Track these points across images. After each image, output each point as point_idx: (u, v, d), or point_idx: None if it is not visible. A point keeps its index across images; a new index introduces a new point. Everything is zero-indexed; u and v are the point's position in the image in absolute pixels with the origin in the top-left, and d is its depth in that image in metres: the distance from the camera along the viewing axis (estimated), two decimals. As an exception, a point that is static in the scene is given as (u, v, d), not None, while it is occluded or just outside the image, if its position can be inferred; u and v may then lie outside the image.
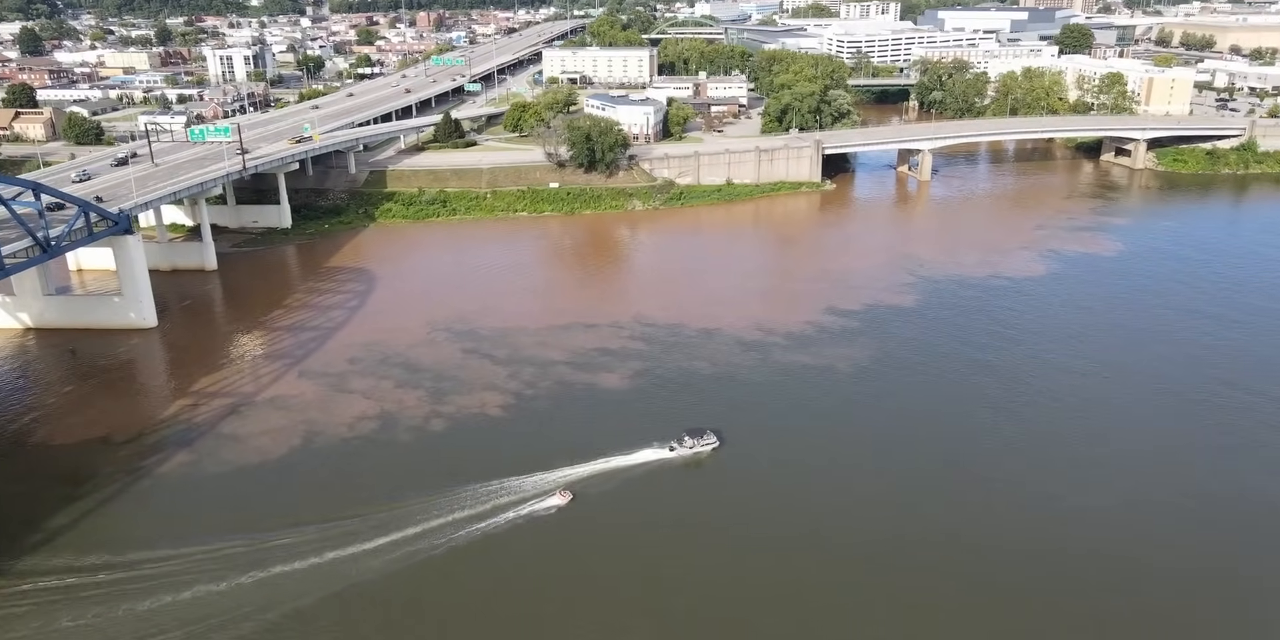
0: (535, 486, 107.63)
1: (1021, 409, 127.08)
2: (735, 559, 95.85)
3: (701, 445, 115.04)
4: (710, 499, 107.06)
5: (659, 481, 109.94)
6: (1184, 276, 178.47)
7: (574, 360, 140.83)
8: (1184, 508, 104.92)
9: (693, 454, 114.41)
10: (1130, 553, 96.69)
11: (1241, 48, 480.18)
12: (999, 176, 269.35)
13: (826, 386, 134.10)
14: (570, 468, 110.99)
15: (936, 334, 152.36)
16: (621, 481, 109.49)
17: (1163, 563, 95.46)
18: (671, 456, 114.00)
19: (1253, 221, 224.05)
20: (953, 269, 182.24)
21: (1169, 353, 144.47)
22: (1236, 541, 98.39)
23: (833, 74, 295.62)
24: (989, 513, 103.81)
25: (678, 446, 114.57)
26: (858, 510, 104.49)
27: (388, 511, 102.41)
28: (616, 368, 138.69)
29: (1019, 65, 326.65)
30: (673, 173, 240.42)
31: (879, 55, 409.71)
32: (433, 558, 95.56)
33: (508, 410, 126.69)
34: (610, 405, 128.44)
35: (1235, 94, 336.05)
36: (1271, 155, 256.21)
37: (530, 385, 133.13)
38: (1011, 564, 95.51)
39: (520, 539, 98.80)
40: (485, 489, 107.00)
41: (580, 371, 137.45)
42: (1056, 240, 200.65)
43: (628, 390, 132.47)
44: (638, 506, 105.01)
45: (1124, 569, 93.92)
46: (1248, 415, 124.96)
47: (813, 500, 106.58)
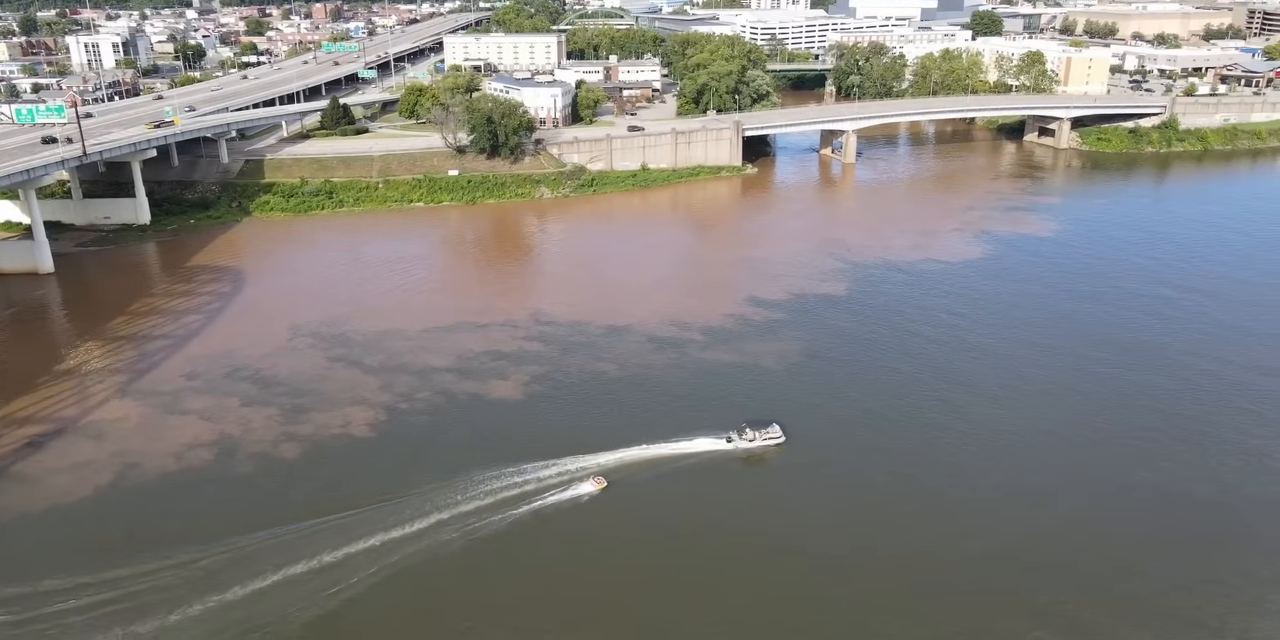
0: (411, 517, 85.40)
1: (969, 407, 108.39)
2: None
3: (764, 439, 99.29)
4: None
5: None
6: (1123, 254, 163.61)
7: (459, 366, 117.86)
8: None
9: (754, 448, 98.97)
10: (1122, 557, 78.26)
11: (1143, 34, 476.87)
12: (923, 159, 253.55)
13: (751, 387, 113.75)
14: (449, 496, 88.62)
15: (870, 323, 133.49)
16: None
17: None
18: (728, 448, 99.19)
19: (1183, 198, 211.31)
20: (884, 253, 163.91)
21: (1119, 338, 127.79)
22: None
23: (749, 54, 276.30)
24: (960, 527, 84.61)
25: (736, 438, 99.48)
26: (822, 522, 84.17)
27: (189, 569, 78.63)
28: (509, 374, 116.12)
29: (935, 49, 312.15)
30: (583, 158, 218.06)
31: (794, 42, 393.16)
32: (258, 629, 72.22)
33: (377, 428, 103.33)
34: (500, 418, 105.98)
35: (1146, 76, 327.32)
36: (1193, 133, 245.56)
37: (405, 397, 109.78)
38: (956, 572, 76.21)
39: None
40: (341, 524, 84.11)
41: (466, 379, 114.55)
42: (989, 221, 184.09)
43: (521, 400, 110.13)
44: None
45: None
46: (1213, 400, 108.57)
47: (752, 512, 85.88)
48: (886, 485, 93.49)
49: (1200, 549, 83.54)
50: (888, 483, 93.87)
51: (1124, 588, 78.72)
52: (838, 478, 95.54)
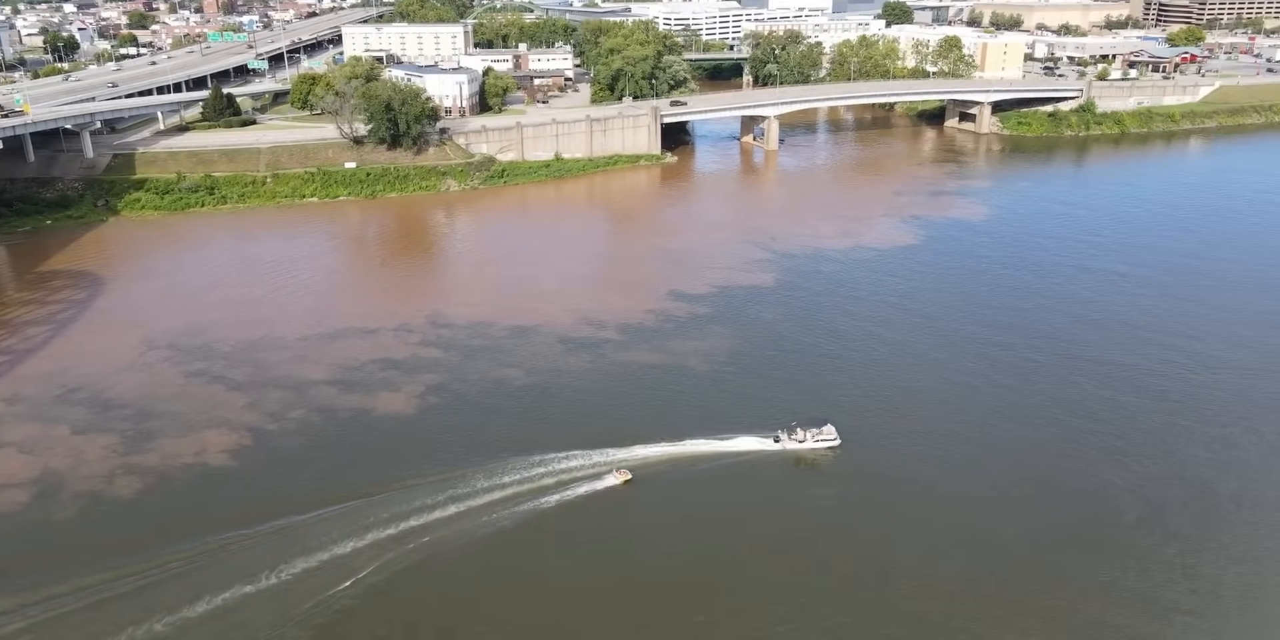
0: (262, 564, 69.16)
1: (911, 405, 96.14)
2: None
3: (816, 440, 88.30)
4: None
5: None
6: (1055, 235, 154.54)
7: (343, 378, 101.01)
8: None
9: (805, 449, 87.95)
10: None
11: (1048, 25, 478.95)
12: (845, 146, 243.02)
13: (674, 391, 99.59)
14: (313, 535, 72.33)
15: (800, 316, 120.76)
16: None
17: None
18: (775, 449, 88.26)
19: (1106, 179, 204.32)
20: (812, 242, 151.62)
21: (1071, 331, 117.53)
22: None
23: (665, 40, 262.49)
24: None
25: (785, 438, 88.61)
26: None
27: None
28: (400, 384, 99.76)
29: (851, 36, 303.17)
30: (493, 148, 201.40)
31: (708, 33, 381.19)
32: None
33: (238, 455, 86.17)
34: (387, 436, 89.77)
35: (1057, 63, 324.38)
36: (1110, 116, 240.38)
37: (275, 417, 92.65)
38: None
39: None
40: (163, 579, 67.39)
41: (349, 392, 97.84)
42: (918, 206, 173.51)
43: (412, 414, 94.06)
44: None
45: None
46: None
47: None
48: (847, 511, 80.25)
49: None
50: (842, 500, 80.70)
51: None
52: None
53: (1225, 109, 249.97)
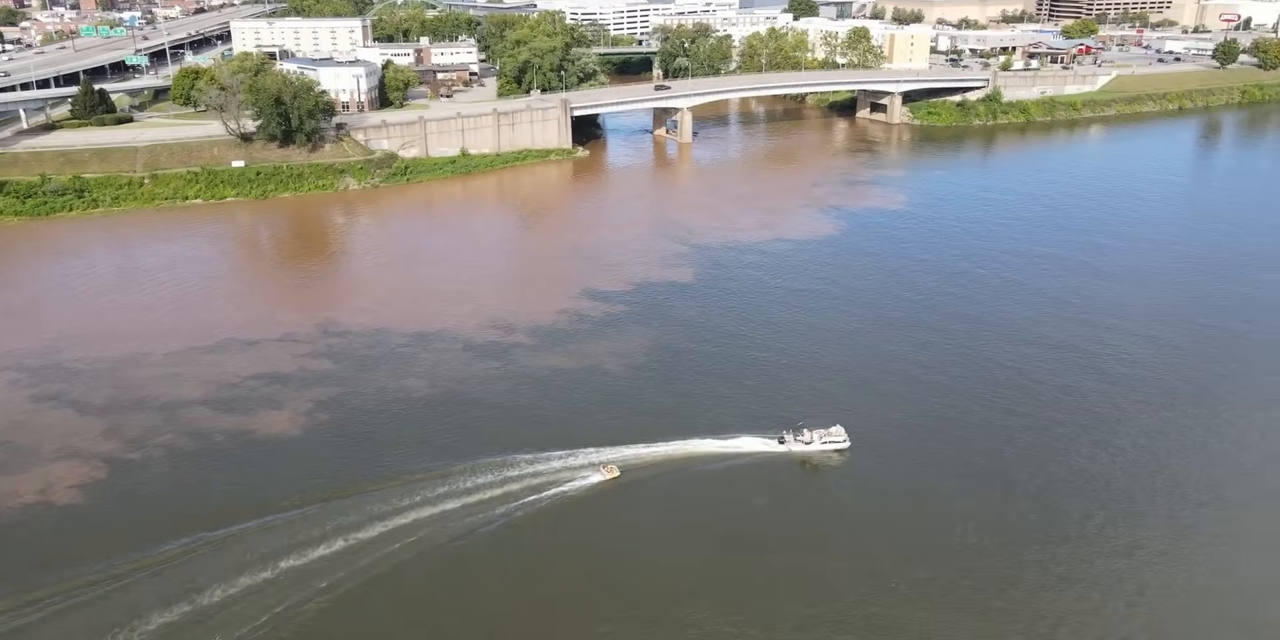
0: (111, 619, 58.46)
1: (843, 391, 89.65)
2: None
3: (824, 442, 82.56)
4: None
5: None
6: (972, 221, 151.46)
7: (220, 397, 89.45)
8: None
9: (811, 452, 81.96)
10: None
11: (947, 20, 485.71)
12: (758, 138, 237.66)
13: (593, 396, 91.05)
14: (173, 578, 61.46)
15: (722, 311, 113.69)
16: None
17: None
18: (779, 451, 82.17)
19: (1017, 166, 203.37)
20: (730, 234, 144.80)
21: (975, 311, 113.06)
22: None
23: (572, 32, 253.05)
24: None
25: (790, 439, 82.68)
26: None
27: None
28: (286, 401, 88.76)
29: (760, 29, 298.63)
30: (394, 144, 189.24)
31: (616, 27, 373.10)
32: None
33: (91, 490, 74.38)
34: (268, 461, 78.95)
35: (961, 55, 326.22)
36: (1016, 105, 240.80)
37: (138, 444, 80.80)
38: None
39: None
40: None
41: (227, 413, 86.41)
42: (837, 196, 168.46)
43: (299, 435, 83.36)
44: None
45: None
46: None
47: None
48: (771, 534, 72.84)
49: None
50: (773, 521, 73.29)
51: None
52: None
53: (1123, 97, 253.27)
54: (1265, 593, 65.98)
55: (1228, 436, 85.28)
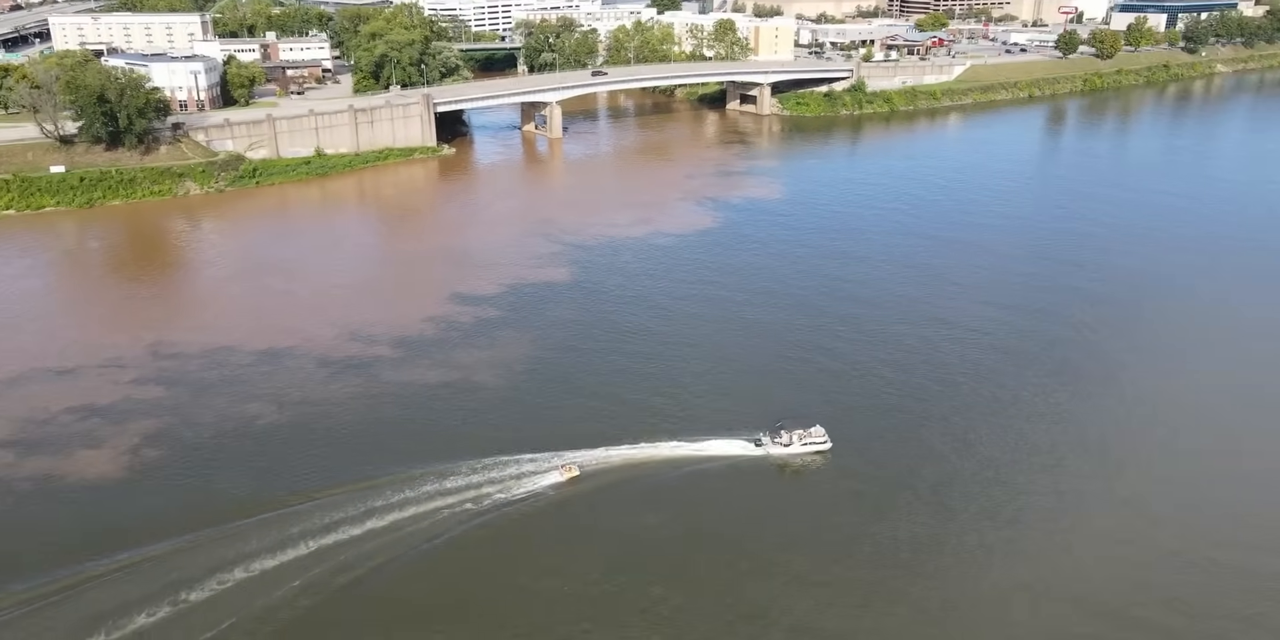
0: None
1: (735, 390, 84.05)
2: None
3: (804, 444, 77.30)
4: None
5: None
6: (850, 208, 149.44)
7: (25, 437, 76.58)
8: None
9: (790, 454, 76.76)
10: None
11: (805, 14, 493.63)
12: (630, 132, 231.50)
13: (466, 413, 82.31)
14: None
15: (602, 311, 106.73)
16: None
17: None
18: (757, 454, 76.79)
19: (886, 153, 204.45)
20: (606, 231, 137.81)
21: (864, 294, 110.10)
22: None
23: (432, 25, 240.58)
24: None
25: (768, 442, 77.68)
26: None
27: None
28: (106, 438, 76.40)
29: (626, 23, 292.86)
30: (240, 145, 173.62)
31: (477, 23, 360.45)
32: None
33: None
34: (85, 508, 66.92)
35: (822, 48, 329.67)
36: (880, 95, 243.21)
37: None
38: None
39: None
40: None
41: (32, 455, 73.63)
42: (713, 188, 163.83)
43: (121, 477, 71.31)
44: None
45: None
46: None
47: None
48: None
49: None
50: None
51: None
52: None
53: (978, 86, 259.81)
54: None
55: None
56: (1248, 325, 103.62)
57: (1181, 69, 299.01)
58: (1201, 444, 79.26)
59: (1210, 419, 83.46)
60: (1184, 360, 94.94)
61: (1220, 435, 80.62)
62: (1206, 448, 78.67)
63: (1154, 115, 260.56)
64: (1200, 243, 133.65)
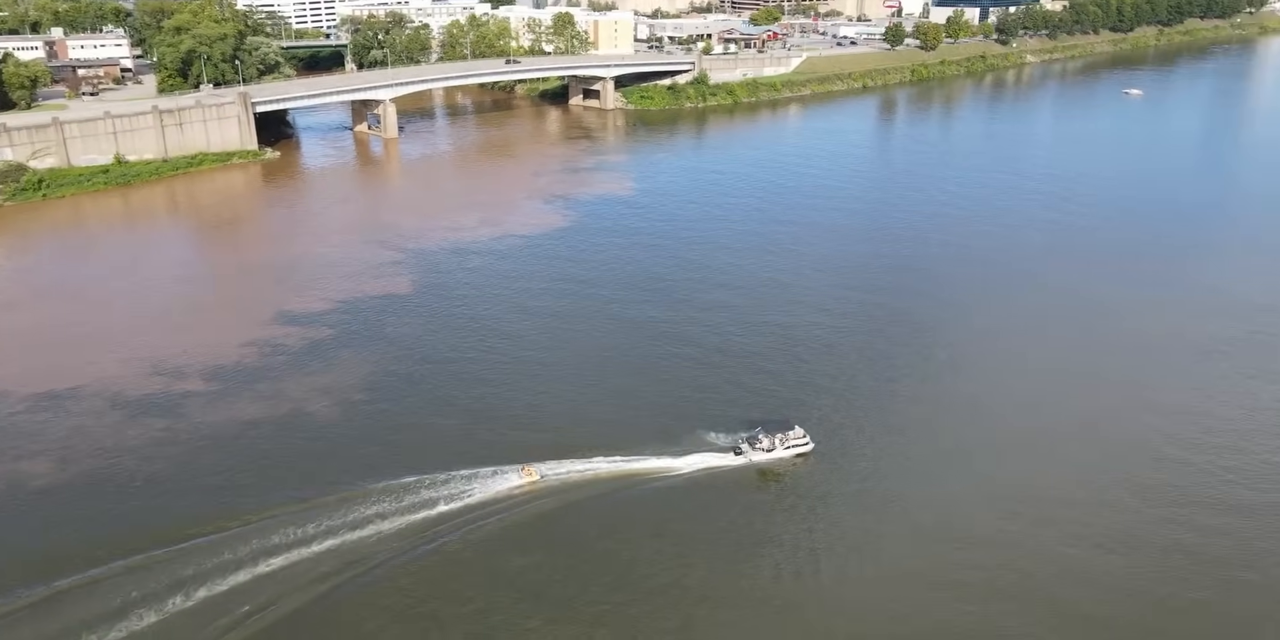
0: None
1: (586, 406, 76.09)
2: None
3: (785, 447, 72.73)
4: None
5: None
6: (710, 198, 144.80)
7: None
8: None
9: (773, 459, 72.17)
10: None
11: (641, 10, 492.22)
12: (470, 130, 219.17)
13: (295, 450, 70.49)
14: None
15: (451, 323, 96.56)
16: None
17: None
18: (739, 463, 71.89)
19: (735, 144, 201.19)
20: (451, 235, 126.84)
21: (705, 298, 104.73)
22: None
23: (247, 19, 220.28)
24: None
25: (747, 449, 73.10)
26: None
27: None
28: None
29: (459, 18, 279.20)
30: (21, 153, 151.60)
31: (299, 19, 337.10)
32: None
33: None
34: None
35: (661, 42, 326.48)
36: (722, 87, 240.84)
37: None
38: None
39: None
40: None
41: None
42: (562, 186, 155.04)
43: None
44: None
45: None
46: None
47: None
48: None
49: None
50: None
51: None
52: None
53: (815, 78, 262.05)
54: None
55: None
56: (1060, 290, 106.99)
57: (996, 59, 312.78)
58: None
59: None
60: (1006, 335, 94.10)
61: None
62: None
63: (975, 102, 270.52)
64: (1018, 217, 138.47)
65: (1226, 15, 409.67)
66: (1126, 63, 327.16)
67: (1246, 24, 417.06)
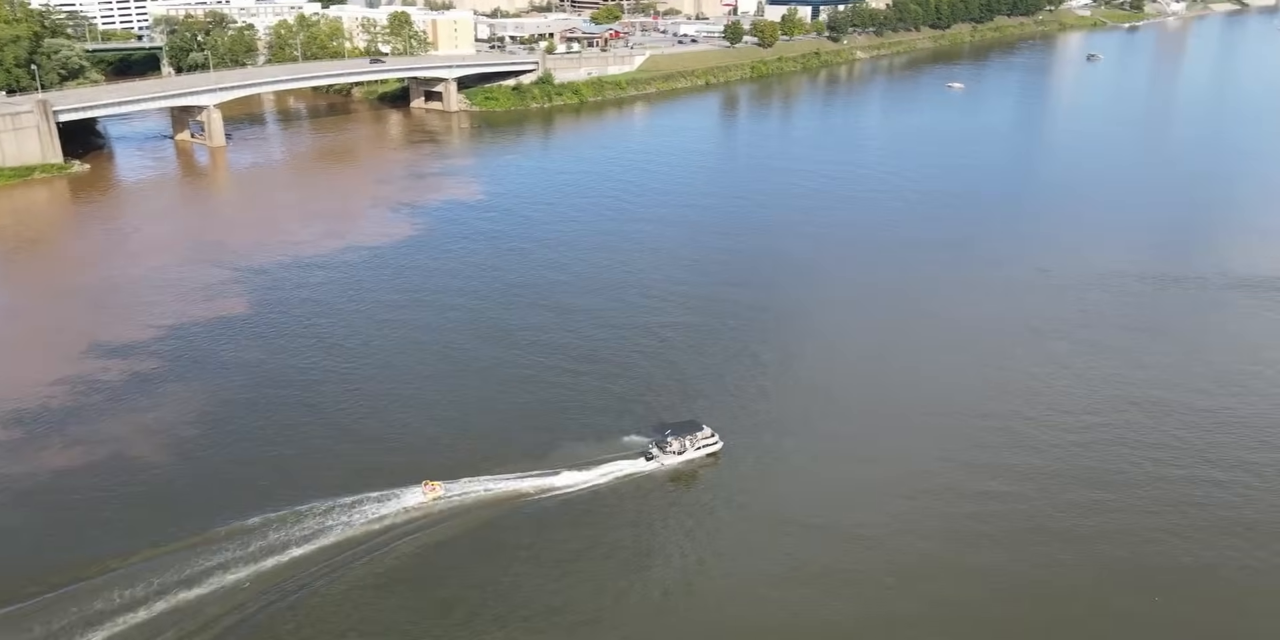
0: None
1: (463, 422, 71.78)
2: None
3: (697, 448, 70.47)
4: None
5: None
6: (563, 200, 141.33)
7: None
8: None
9: (685, 461, 69.81)
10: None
11: (480, 9, 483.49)
12: (305, 137, 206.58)
13: (128, 501, 62.58)
14: None
15: (295, 347, 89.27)
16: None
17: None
18: (651, 469, 69.04)
19: (585, 143, 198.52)
20: (290, 250, 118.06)
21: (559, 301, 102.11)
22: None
23: (44, 19, 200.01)
24: None
25: (658, 453, 70.00)
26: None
27: None
28: None
29: (287, 18, 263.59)
30: None
31: (105, 20, 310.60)
32: None
33: None
34: None
35: (502, 41, 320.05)
36: (568, 87, 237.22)
37: None
38: None
39: None
40: None
41: None
42: (408, 193, 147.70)
43: None
44: None
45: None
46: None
47: None
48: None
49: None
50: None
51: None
52: None
53: (660, 75, 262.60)
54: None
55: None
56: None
57: (830, 56, 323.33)
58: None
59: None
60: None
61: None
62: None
63: (813, 98, 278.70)
64: (865, 208, 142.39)
65: (1030, 13, 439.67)
66: (946, 58, 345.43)
67: (1048, 21, 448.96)
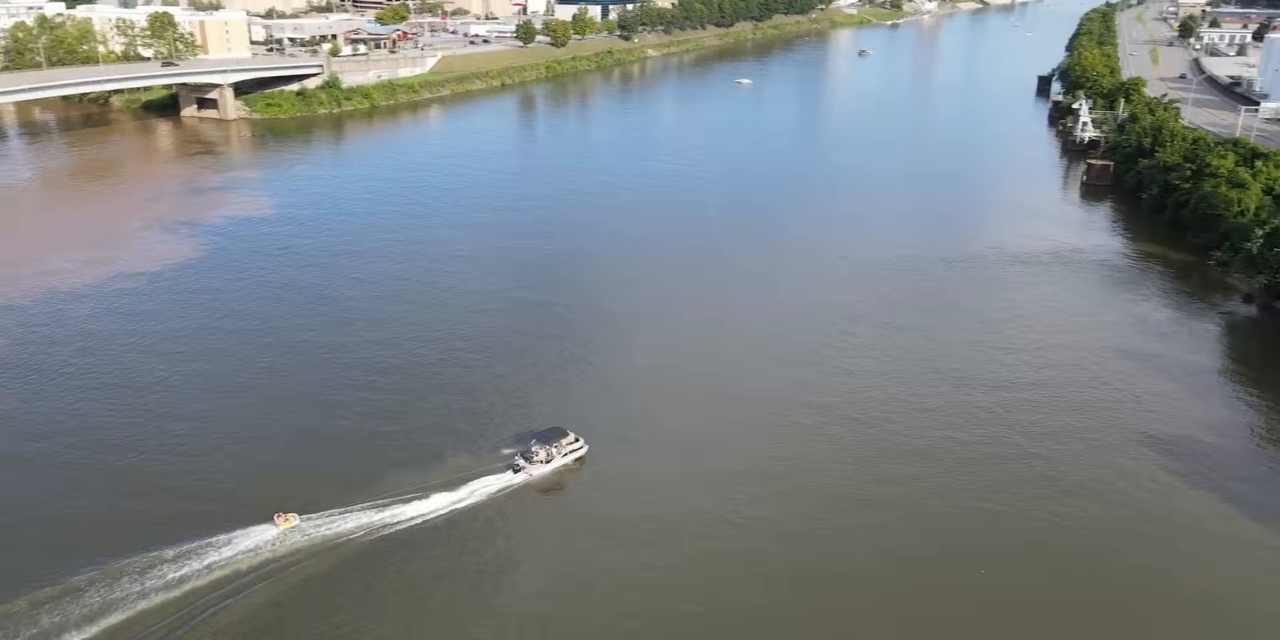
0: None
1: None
2: None
3: (564, 454, 67.52)
4: None
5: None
6: (364, 212, 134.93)
7: None
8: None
9: (555, 469, 66.90)
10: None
11: (253, 10, 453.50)
12: (57, 153, 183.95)
13: None
14: None
15: (63, 389, 79.49)
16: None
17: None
18: (520, 481, 65.23)
19: (379, 150, 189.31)
20: (46, 282, 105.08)
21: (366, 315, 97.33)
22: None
23: None
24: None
25: (525, 464, 66.26)
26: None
27: None
28: None
29: (25, 20, 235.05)
30: None
31: None
32: None
33: None
34: None
35: (281, 43, 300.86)
36: (357, 90, 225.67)
37: None
38: None
39: None
40: None
41: None
42: (185, 210, 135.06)
43: None
44: None
45: None
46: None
47: None
48: None
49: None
50: None
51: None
52: None
53: (453, 77, 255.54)
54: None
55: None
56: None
57: (622, 54, 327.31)
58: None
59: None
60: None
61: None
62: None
63: (608, 95, 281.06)
64: (673, 201, 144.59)
65: (805, 12, 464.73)
66: (732, 55, 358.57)
67: (820, 19, 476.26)
